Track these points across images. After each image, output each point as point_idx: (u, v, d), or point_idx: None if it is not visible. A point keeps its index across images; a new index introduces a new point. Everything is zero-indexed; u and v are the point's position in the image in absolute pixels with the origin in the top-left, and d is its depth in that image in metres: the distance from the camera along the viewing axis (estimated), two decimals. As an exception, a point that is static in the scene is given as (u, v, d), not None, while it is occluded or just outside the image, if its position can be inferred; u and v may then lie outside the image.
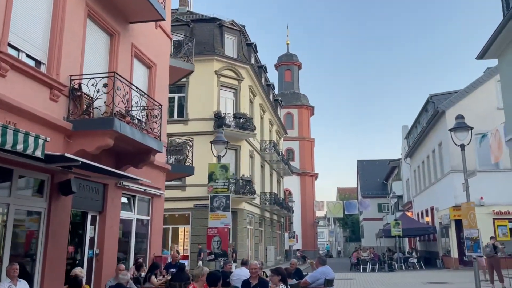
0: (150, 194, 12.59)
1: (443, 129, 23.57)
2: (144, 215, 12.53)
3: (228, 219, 10.73)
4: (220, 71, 24.27)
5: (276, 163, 34.22)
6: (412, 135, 33.82)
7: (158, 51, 13.53)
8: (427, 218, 29.91)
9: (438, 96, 25.82)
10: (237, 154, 24.43)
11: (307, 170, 51.59)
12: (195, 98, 23.92)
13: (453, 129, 10.20)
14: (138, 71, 12.39)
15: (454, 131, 10.22)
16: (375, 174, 56.62)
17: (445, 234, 25.01)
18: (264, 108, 31.83)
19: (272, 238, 33.65)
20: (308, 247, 49.70)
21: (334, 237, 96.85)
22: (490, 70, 23.30)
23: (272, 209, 31.69)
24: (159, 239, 13.42)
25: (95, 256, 10.01)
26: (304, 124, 52.91)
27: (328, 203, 37.50)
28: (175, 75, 15.70)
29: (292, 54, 56.55)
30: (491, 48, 14.36)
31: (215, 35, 25.01)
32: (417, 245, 34.01)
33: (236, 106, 24.84)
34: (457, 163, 22.32)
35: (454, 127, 10.12)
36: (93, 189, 9.93)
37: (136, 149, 10.26)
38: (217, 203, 10.86)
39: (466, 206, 10.23)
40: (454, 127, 10.12)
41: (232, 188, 22.76)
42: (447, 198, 23.28)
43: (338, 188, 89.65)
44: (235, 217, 23.61)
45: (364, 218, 56.48)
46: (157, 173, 12.94)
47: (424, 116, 29.06)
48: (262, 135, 31.19)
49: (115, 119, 8.60)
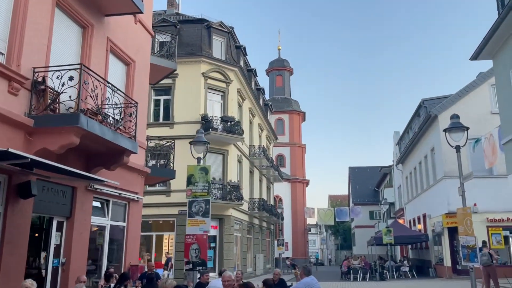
0: (126, 199, 11.78)
1: (436, 134, 23.05)
2: (119, 221, 11.72)
3: (207, 226, 9.98)
4: (207, 73, 23.57)
5: (266, 168, 33.47)
6: (404, 141, 33.32)
7: (137, 47, 12.81)
8: (419, 225, 29.31)
9: (430, 101, 25.34)
10: (224, 159, 23.67)
11: (298, 176, 50.90)
12: (182, 101, 23.18)
13: (448, 130, 9.55)
14: (114, 67, 11.65)
15: (449, 131, 9.58)
16: (366, 181, 56.11)
17: (437, 242, 24.39)
18: (254, 112, 31.15)
19: (261, 246, 32.80)
20: (299, 255, 48.86)
21: (326, 244, 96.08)
22: (483, 74, 22.87)
23: (261, 215, 30.90)
24: (136, 246, 12.59)
25: (61, 266, 9.18)
26: (295, 130, 52.31)
27: (319, 210, 36.79)
28: (157, 74, 14.98)
29: (283, 59, 56.08)
30: (486, 48, 13.84)
31: (203, 36, 24.34)
32: (409, 253, 33.36)
33: (224, 110, 24.13)
34: (450, 168, 21.79)
35: (449, 127, 9.48)
36: (59, 192, 9.13)
37: (108, 150, 9.51)
38: (196, 208, 10.11)
39: (462, 212, 9.57)
40: (449, 127, 9.48)
41: (219, 193, 22.01)
42: (440, 205, 22.70)
43: (329, 195, 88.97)
44: (222, 224, 22.83)
45: (355, 225, 55.81)
46: (134, 176, 12.15)
47: (416, 121, 28.56)
48: (251, 140, 30.47)
49: (81, 115, 7.85)
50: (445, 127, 22.58)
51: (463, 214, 9.50)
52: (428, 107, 24.74)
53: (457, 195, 21.66)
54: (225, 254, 22.34)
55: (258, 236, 32.01)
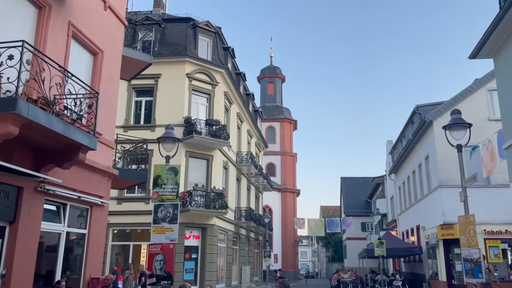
0: (87, 203, 10.47)
1: (431, 141, 22.00)
2: (79, 228, 10.40)
3: (174, 234, 8.72)
4: (192, 74, 22.42)
5: (255, 176, 32.23)
6: (397, 150, 32.26)
7: (107, 36, 11.63)
8: (412, 237, 28.09)
9: (425, 107, 24.34)
10: (208, 165, 22.42)
11: (288, 186, 49.63)
12: (164, 103, 21.98)
13: (448, 127, 8.41)
14: (78, 55, 10.44)
15: (449, 128, 8.45)
16: (359, 192, 54.92)
17: (432, 255, 23.17)
18: (242, 117, 29.99)
19: (248, 258, 31.40)
20: (288, 267, 47.40)
21: (317, 256, 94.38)
22: (479, 79, 21.92)
23: (249, 225, 29.57)
24: (99, 257, 11.24)
25: (1, 278, 7.86)
26: (287, 138, 51.17)
27: (309, 220, 35.43)
28: (131, 67, 13.77)
29: (275, 66, 55.14)
30: (486, 45, 12.80)
31: (188, 36, 23.24)
32: (402, 266, 32.09)
33: (209, 113, 22.94)
34: (446, 177, 20.70)
35: (450, 123, 8.34)
36: (0, 193, 7.84)
37: (63, 146, 8.28)
38: (163, 214, 8.87)
39: (464, 220, 8.41)
40: (450, 123, 8.34)
41: (202, 201, 20.72)
42: (435, 215, 21.54)
43: (321, 206, 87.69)
44: (205, 234, 21.50)
45: (347, 237, 54.47)
46: (98, 178, 10.86)
47: (410, 129, 27.53)
48: (239, 146, 29.28)
49: (19, 100, 6.62)
50: (440, 134, 21.59)
51: (465, 223, 8.33)
52: (423, 113, 23.72)
53: (452, 205, 20.59)
54: (207, 266, 20.99)
55: (245, 247, 30.63)
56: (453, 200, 20.49)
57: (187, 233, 21.10)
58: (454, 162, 21.12)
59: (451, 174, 20.56)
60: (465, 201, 8.83)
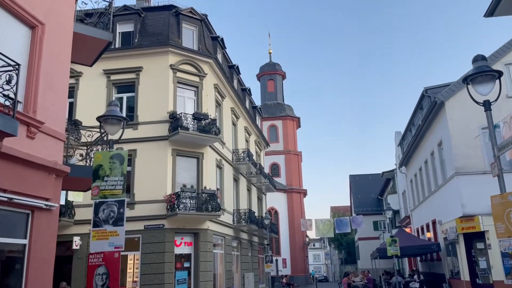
0: (25, 206, 8.48)
1: (443, 124, 19.78)
2: (15, 238, 8.40)
3: (120, 239, 6.69)
4: (176, 66, 20.47)
5: (255, 176, 30.13)
6: (407, 140, 29.97)
7: (50, 8, 9.65)
8: (428, 233, 25.76)
9: (435, 89, 22.12)
10: (199, 163, 20.38)
11: (294, 186, 47.42)
12: (147, 98, 20.05)
13: (471, 78, 6.29)
14: (8, 27, 8.53)
15: (472, 81, 6.33)
16: (369, 190, 52.60)
17: (451, 252, 20.85)
18: (237, 113, 27.97)
19: (252, 264, 29.25)
20: (298, 272, 45.13)
21: (330, 259, 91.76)
22: (495, 53, 19.67)
23: (250, 229, 27.46)
24: (47, 273, 9.20)
25: None
26: (290, 136, 49.01)
27: (316, 221, 33.18)
28: (90, 49, 11.80)
29: (274, 63, 53.11)
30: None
31: (171, 24, 21.32)
32: (418, 266, 29.70)
33: (197, 107, 20.95)
34: (463, 163, 18.45)
35: (473, 73, 6.22)
36: None
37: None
38: (105, 214, 6.85)
39: (499, 201, 6.27)
40: (473, 73, 6.22)
41: (193, 203, 18.67)
42: (453, 207, 19.27)
43: (331, 207, 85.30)
44: (197, 240, 19.44)
45: (359, 237, 52.08)
46: (39, 175, 8.84)
47: (419, 115, 25.29)
48: (235, 143, 27.24)
49: None
50: (453, 115, 19.33)
51: (501, 205, 6.19)
52: (432, 96, 21.51)
53: (472, 194, 18.21)
54: (201, 275, 18.91)
55: (248, 252, 28.50)
56: (473, 188, 18.23)
57: (177, 239, 19.06)
58: (471, 146, 18.88)
59: (469, 159, 18.34)
60: (500, 176, 6.72)
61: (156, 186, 18.83)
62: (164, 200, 18.59)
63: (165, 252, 18.18)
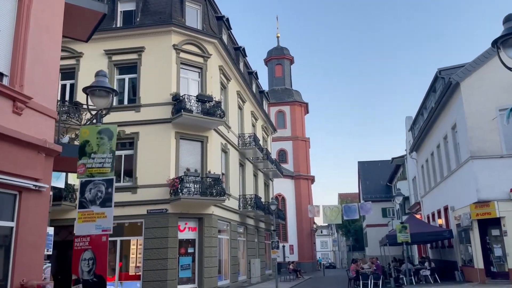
0: (12, 187, 7.91)
1: (458, 106, 18.92)
2: (0, 220, 7.87)
3: (108, 221, 6.09)
4: (179, 46, 19.75)
5: (262, 162, 29.50)
6: (418, 125, 29.08)
7: (38, -26, 9.03)
8: (440, 220, 25.05)
9: (449, 70, 21.19)
10: (203, 147, 19.78)
11: (301, 172, 46.75)
12: (150, 79, 19.42)
13: (502, 40, 5.51)
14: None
15: (503, 44, 5.56)
16: (378, 176, 51.89)
17: (464, 239, 20.16)
18: (244, 97, 27.25)
19: (258, 250, 28.81)
20: (306, 258, 44.73)
21: (338, 246, 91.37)
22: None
23: (257, 215, 26.93)
24: (37, 258, 8.68)
25: None
26: (298, 122, 48.18)
27: (324, 207, 32.55)
28: (85, 22, 11.15)
29: (282, 47, 52.01)
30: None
31: (174, 3, 20.54)
32: (428, 253, 29.04)
33: (201, 89, 20.27)
34: (478, 147, 17.64)
35: (505, 34, 5.44)
36: None
37: None
38: (92, 194, 6.25)
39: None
40: (505, 34, 5.44)
41: (197, 188, 18.11)
42: (467, 192, 18.52)
43: (339, 194, 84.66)
44: (202, 225, 18.94)
45: (367, 224, 51.50)
46: (27, 154, 8.23)
47: (432, 98, 24.37)
48: (241, 128, 26.57)
49: None
50: (468, 97, 18.40)
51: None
52: (446, 77, 20.60)
53: (488, 179, 17.39)
54: (206, 261, 18.44)
55: (254, 238, 28.04)
56: (489, 173, 17.45)
57: (181, 224, 18.58)
58: (488, 129, 18.00)
59: (484, 143, 17.52)
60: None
61: (159, 170, 18.29)
62: (167, 184, 18.05)
63: (169, 237, 17.71)
